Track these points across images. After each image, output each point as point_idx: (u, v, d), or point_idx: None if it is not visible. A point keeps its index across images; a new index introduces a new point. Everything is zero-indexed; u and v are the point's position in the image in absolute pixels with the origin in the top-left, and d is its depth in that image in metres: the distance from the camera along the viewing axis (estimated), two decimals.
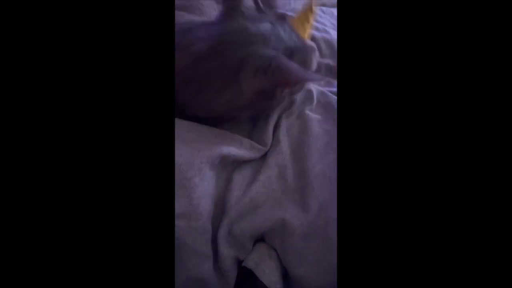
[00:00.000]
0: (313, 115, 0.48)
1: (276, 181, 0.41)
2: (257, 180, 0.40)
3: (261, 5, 0.43)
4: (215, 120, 0.44)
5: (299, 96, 0.49)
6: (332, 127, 0.48)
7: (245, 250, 0.37)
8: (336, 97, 0.52)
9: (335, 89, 0.57)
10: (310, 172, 0.40)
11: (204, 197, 0.36)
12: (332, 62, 0.61)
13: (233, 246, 0.37)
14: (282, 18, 0.43)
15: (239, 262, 0.38)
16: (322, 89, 0.53)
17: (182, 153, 0.35)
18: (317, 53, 0.51)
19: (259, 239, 0.40)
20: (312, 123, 0.46)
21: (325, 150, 0.44)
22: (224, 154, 0.38)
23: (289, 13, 0.66)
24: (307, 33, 0.59)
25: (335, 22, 0.76)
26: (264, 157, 0.44)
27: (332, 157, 0.43)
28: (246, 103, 0.39)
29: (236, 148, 0.41)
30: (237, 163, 0.43)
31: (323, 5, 0.84)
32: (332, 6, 0.84)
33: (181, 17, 0.59)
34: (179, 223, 0.33)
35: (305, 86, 0.50)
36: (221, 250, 0.36)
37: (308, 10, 0.60)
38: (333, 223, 0.37)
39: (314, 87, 0.53)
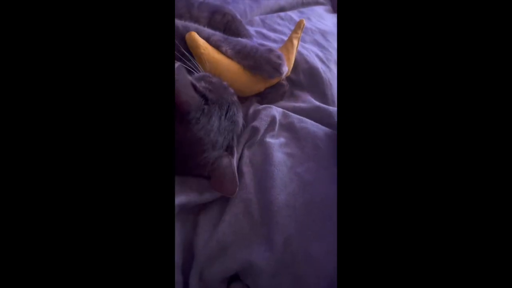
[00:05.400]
0: (274, 141, 0.48)
1: (243, 218, 0.41)
2: (223, 220, 0.40)
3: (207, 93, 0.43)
4: None
5: (263, 125, 0.49)
6: (295, 149, 0.48)
7: None
8: (297, 115, 0.52)
9: (299, 104, 0.57)
10: (273, 205, 0.40)
11: None
12: (293, 75, 0.60)
13: None
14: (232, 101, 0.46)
15: None
16: (283, 109, 0.53)
17: None
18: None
19: (235, 278, 0.40)
20: (273, 150, 0.46)
21: (288, 177, 0.44)
22: (182, 203, 0.38)
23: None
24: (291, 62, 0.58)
25: None
26: None
27: (296, 183, 0.43)
28: None
29: (197, 193, 0.41)
30: (202, 205, 0.43)
31: (282, 9, 0.82)
32: (291, 9, 0.82)
33: None
34: None
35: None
36: None
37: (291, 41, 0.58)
38: (301, 256, 0.37)
39: (276, 109, 0.52)
